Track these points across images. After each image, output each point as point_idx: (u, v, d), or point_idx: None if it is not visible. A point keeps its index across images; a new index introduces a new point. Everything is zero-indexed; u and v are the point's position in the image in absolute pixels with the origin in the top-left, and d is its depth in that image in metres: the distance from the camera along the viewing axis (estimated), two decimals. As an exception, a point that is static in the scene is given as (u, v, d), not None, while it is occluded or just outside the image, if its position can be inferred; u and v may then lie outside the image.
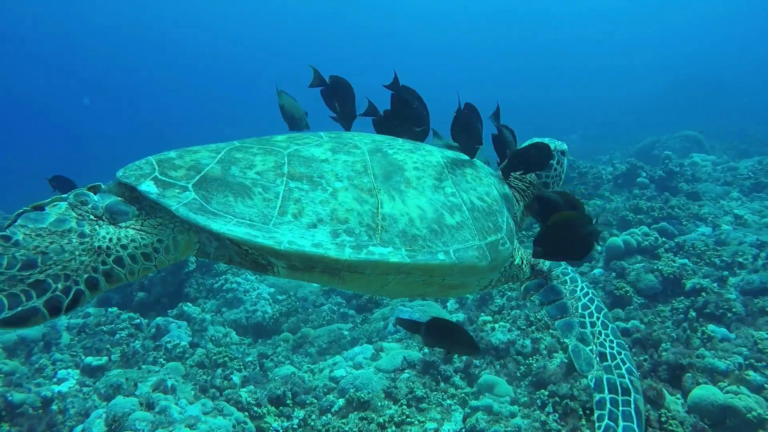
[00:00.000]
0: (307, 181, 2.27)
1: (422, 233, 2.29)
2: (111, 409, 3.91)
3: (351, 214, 2.21)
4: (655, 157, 15.89)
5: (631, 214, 9.04)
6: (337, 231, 2.15)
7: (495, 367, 5.54)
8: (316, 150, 2.44)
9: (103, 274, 1.94)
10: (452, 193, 2.51)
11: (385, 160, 2.49)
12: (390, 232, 2.23)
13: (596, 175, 12.47)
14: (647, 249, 7.54)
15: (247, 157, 2.32)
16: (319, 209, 2.19)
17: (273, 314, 8.21)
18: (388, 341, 6.33)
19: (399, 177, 2.43)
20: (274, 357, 6.56)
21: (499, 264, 2.56)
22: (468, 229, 2.42)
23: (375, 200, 2.29)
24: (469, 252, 2.37)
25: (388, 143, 2.68)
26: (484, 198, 2.63)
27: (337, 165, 2.38)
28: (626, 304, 6.76)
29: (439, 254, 2.28)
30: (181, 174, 2.18)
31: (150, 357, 5.83)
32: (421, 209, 2.36)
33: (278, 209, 2.15)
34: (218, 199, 2.12)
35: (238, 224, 2.07)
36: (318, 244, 2.10)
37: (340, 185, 2.29)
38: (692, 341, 5.33)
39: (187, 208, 2.06)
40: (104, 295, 9.73)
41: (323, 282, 2.31)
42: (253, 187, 2.19)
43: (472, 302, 7.55)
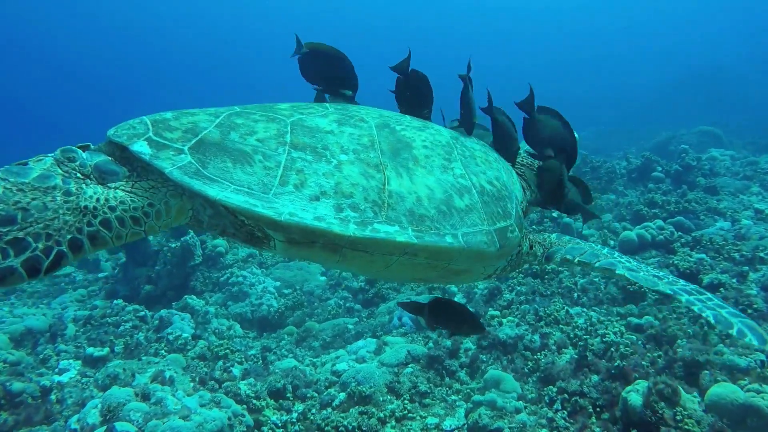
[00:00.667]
0: (311, 151, 2.16)
1: (430, 213, 2.18)
2: (106, 399, 3.83)
3: (356, 188, 2.10)
4: (671, 153, 15.53)
5: (645, 208, 8.79)
6: (341, 205, 2.05)
7: (502, 363, 5.37)
8: (321, 120, 2.33)
9: (88, 236, 1.84)
10: (461, 175, 2.40)
11: (393, 136, 2.39)
12: (397, 210, 2.12)
13: (609, 169, 12.21)
14: (662, 243, 7.31)
15: (248, 123, 2.21)
16: (323, 181, 2.07)
17: (278, 308, 8.12)
18: (393, 335, 6.19)
19: (407, 154, 2.32)
20: (277, 350, 6.46)
21: (507, 251, 2.46)
22: (477, 213, 2.32)
23: (382, 176, 2.18)
24: (477, 237, 2.26)
25: (396, 119, 2.58)
26: (493, 182, 2.52)
27: (343, 137, 2.27)
28: (640, 299, 6.54)
29: (447, 237, 2.18)
30: (176, 136, 2.06)
31: (152, 349, 5.77)
32: (429, 189, 2.25)
33: (279, 179, 2.03)
34: (215, 164, 2.00)
35: (236, 191, 1.95)
36: (320, 217, 1.99)
37: (345, 158, 2.18)
38: (710, 338, 5.12)
39: (182, 171, 1.94)
40: (112, 287, 9.76)
41: (321, 259, 2.20)
42: (254, 154, 2.08)
43: (480, 297, 7.38)
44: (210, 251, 9.50)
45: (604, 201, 10.46)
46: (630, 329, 5.70)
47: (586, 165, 12.92)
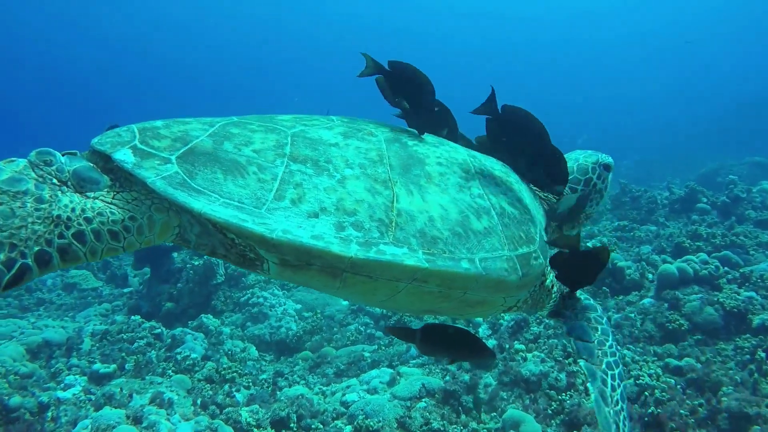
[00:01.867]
0: (312, 164, 1.97)
1: (444, 235, 1.97)
2: (96, 420, 3.68)
3: (361, 205, 1.90)
4: (719, 184, 14.73)
5: (688, 240, 8.22)
6: (343, 223, 1.84)
7: (524, 402, 4.96)
8: (325, 133, 2.15)
9: (59, 249, 1.65)
10: (479, 195, 2.19)
11: (405, 151, 2.19)
12: (406, 231, 1.91)
13: (650, 199, 11.63)
14: (706, 279, 6.75)
15: (244, 133, 2.03)
16: (323, 197, 1.88)
17: (297, 331, 7.90)
18: (409, 366, 5.85)
19: (419, 171, 2.13)
20: (289, 376, 6.22)
21: (530, 281, 2.21)
22: (497, 237, 2.10)
23: (390, 193, 1.98)
24: (497, 263, 2.03)
25: (408, 133, 2.39)
26: (515, 204, 2.30)
27: (348, 151, 2.08)
28: (680, 339, 6.01)
29: (463, 262, 1.95)
30: (164, 144, 1.89)
31: (159, 368, 5.62)
32: (443, 208, 2.04)
33: (274, 193, 1.84)
34: (204, 176, 1.82)
35: (225, 205, 1.76)
36: (318, 236, 1.78)
37: (350, 173, 1.99)
38: (761, 387, 4.59)
39: (166, 182, 1.76)
40: (135, 303, 9.78)
41: (320, 285, 1.98)
42: (248, 165, 1.89)
43: (506, 329, 6.96)
44: (233, 270, 9.42)
45: (643, 232, 9.90)
46: (668, 371, 5.21)
47: (626, 195, 12.37)
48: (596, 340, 2.48)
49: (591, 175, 2.85)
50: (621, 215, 11.74)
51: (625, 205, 12.10)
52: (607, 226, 10.71)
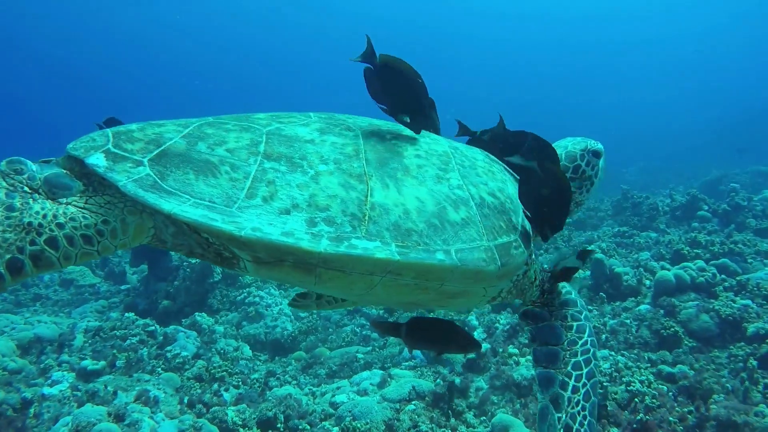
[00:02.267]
0: (286, 161, 1.98)
1: (419, 228, 1.97)
2: (77, 417, 3.65)
3: (334, 200, 1.91)
4: (722, 192, 14.64)
5: (687, 247, 8.16)
6: (315, 219, 1.86)
7: (514, 406, 4.91)
8: (301, 129, 2.16)
9: (31, 256, 1.67)
10: (458, 186, 2.19)
11: (382, 144, 2.20)
12: (379, 224, 1.92)
13: (652, 206, 11.55)
14: (703, 286, 6.70)
15: (218, 133, 2.04)
16: (296, 193, 1.90)
17: (292, 332, 7.89)
18: (401, 368, 5.82)
19: (396, 164, 2.13)
20: (281, 376, 6.19)
21: (510, 270, 2.19)
22: (475, 227, 2.09)
23: (365, 187, 1.99)
24: (474, 253, 2.03)
25: (387, 127, 2.40)
26: (496, 194, 2.28)
27: (324, 147, 2.09)
28: (675, 346, 5.95)
29: (438, 253, 1.95)
30: (138, 147, 1.91)
31: (149, 366, 5.60)
32: (419, 201, 2.04)
33: (246, 191, 1.86)
34: (176, 177, 1.84)
35: (195, 205, 1.78)
36: (289, 232, 1.80)
37: (324, 168, 2.00)
38: (751, 395, 4.53)
39: (137, 184, 1.78)
40: (132, 300, 9.77)
41: (296, 281, 1.99)
42: (220, 165, 1.91)
43: (501, 332, 6.92)
44: (230, 269, 9.41)
45: (643, 239, 9.84)
46: (661, 378, 5.16)
47: (627, 200, 12.32)
48: (566, 341, 2.44)
49: (579, 162, 2.83)
50: (622, 221, 11.68)
51: (626, 211, 12.05)
52: (607, 232, 10.65)
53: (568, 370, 2.37)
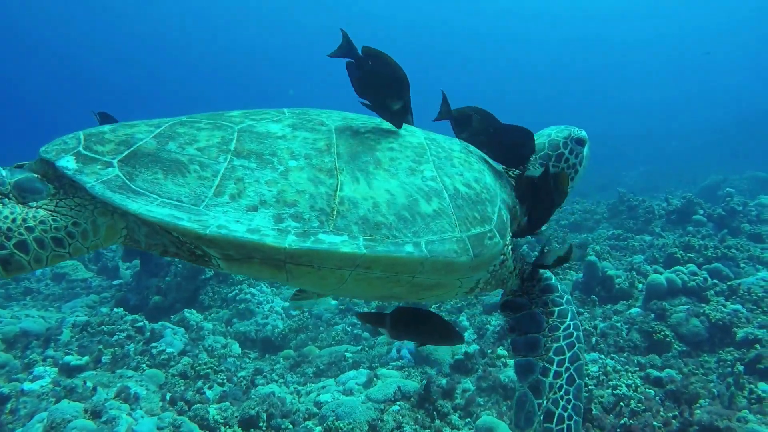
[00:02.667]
0: (256, 158, 1.99)
1: (388, 221, 1.97)
2: (52, 413, 3.60)
3: (302, 196, 1.92)
4: (720, 197, 14.63)
5: (680, 251, 8.12)
6: (282, 215, 1.86)
7: (500, 408, 4.87)
8: (274, 126, 2.16)
9: (1, 260, 1.70)
10: (432, 177, 2.17)
11: (355, 138, 2.20)
12: (347, 218, 1.92)
13: (648, 209, 11.53)
14: (694, 290, 6.66)
15: (190, 132, 2.06)
16: (264, 190, 1.90)
17: (282, 329, 7.84)
18: (389, 368, 5.78)
19: (368, 157, 2.13)
20: (268, 374, 6.15)
21: (484, 261, 2.17)
22: (447, 218, 2.08)
23: (334, 182, 1.99)
24: (445, 245, 2.02)
25: (362, 121, 2.38)
26: (471, 184, 2.26)
27: (295, 142, 2.09)
28: (664, 350, 5.92)
29: (407, 246, 1.94)
30: (108, 149, 1.92)
31: (134, 362, 5.56)
32: (390, 193, 2.04)
33: (214, 189, 1.87)
34: (145, 177, 1.86)
35: (163, 205, 1.80)
36: (255, 229, 1.81)
37: (294, 164, 2.00)
38: (736, 400, 4.50)
39: (105, 185, 1.79)
40: (123, 295, 9.72)
41: (268, 276, 2.01)
42: (190, 164, 1.93)
43: (492, 333, 6.89)
44: (222, 266, 9.37)
45: (637, 242, 9.80)
46: (648, 382, 5.12)
47: (624, 203, 12.28)
48: (548, 327, 2.39)
49: (563, 150, 2.83)
50: (618, 224, 11.65)
51: (622, 214, 12.02)
52: (602, 235, 10.61)
53: (549, 356, 2.30)
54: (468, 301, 7.89)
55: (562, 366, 2.27)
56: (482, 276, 2.33)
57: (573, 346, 2.33)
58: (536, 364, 2.30)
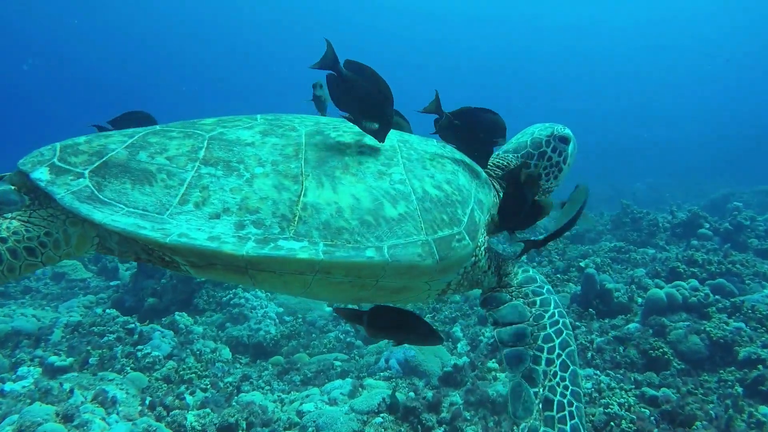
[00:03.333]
0: (223, 166, 2.03)
1: (351, 225, 1.98)
2: (23, 416, 3.53)
3: (265, 203, 1.95)
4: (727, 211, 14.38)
5: (683, 265, 7.94)
6: (244, 222, 1.90)
7: (487, 424, 4.74)
8: (244, 133, 2.19)
9: None
10: (400, 180, 2.17)
11: (325, 143, 2.22)
12: (308, 224, 1.94)
13: (652, 222, 11.32)
14: (695, 306, 6.47)
15: (162, 141, 2.11)
16: (228, 197, 1.94)
17: (275, 335, 7.75)
18: (375, 378, 5.65)
19: (336, 162, 2.13)
20: (255, 380, 6.05)
21: (452, 264, 2.16)
22: (413, 222, 2.08)
23: (299, 187, 2.01)
24: (409, 249, 2.01)
25: (334, 125, 2.39)
26: (442, 186, 2.25)
27: (264, 149, 2.12)
28: (662, 368, 5.74)
29: (368, 250, 1.95)
30: (81, 160, 1.99)
31: (119, 364, 5.48)
32: (355, 198, 2.04)
33: (180, 197, 1.92)
34: (113, 187, 1.92)
35: (128, 214, 1.85)
36: (215, 236, 1.85)
37: (260, 171, 2.03)
38: (734, 423, 4.33)
39: (74, 196, 1.86)
40: (120, 296, 9.68)
41: (235, 281, 2.09)
42: (158, 173, 1.98)
43: (485, 345, 6.74)
44: (218, 269, 9.31)
45: (640, 255, 9.61)
46: (644, 401, 4.95)
47: (627, 215, 12.08)
48: (532, 316, 2.33)
49: (545, 148, 2.78)
50: (621, 236, 11.45)
51: (625, 226, 11.82)
52: (604, 246, 10.42)
53: (538, 344, 2.24)
54: (463, 311, 7.76)
55: (552, 353, 2.21)
56: (452, 278, 2.31)
57: (561, 332, 2.27)
58: (526, 353, 2.24)
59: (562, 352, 2.22)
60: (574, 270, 8.99)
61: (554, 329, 2.28)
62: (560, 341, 2.24)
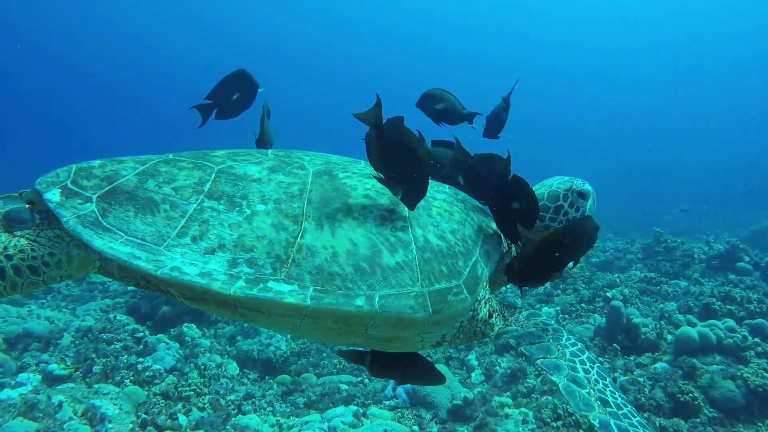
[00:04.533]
0: (226, 201, 2.02)
1: (344, 271, 1.93)
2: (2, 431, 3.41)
3: (261, 242, 1.92)
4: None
5: (718, 302, 7.43)
6: (237, 260, 1.87)
7: (495, 466, 4.42)
8: (252, 168, 2.19)
9: None
10: (402, 228, 2.11)
11: (331, 184, 2.17)
12: (301, 267, 1.89)
13: (686, 252, 10.74)
14: (730, 349, 6.01)
15: (171, 171, 2.12)
16: (225, 233, 1.92)
17: (285, 352, 7.56)
18: (380, 407, 5.38)
19: (339, 204, 2.09)
20: (257, 400, 5.85)
21: (446, 318, 2.08)
22: (410, 272, 2.01)
23: (297, 228, 1.97)
24: (401, 300, 1.94)
25: (344, 166, 2.36)
26: (445, 236, 2.18)
27: (269, 186, 2.10)
28: (691, 414, 5.31)
29: (358, 299, 1.89)
30: (92, 184, 2.02)
31: (118, 376, 5.37)
32: (353, 243, 1.99)
33: (179, 230, 1.92)
34: (117, 214, 1.93)
35: (126, 243, 1.86)
36: (206, 273, 1.82)
37: (262, 208, 2.01)
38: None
39: (79, 220, 1.89)
40: (136, 302, 9.68)
41: (227, 316, 2.06)
42: (162, 203, 1.99)
43: (500, 377, 6.40)
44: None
45: (672, 287, 9.09)
46: (669, 452, 4.56)
47: (660, 244, 11.52)
48: (549, 338, 2.32)
49: (562, 202, 2.73)
50: (652, 266, 10.90)
51: (657, 256, 11.25)
52: (633, 276, 9.93)
53: (569, 357, 2.21)
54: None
55: (585, 365, 2.19)
56: (447, 331, 2.22)
57: (584, 351, 2.27)
58: (562, 363, 2.20)
59: (593, 366, 2.20)
60: (600, 300, 8.55)
61: (576, 347, 2.27)
62: (587, 356, 2.23)
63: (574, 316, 8.08)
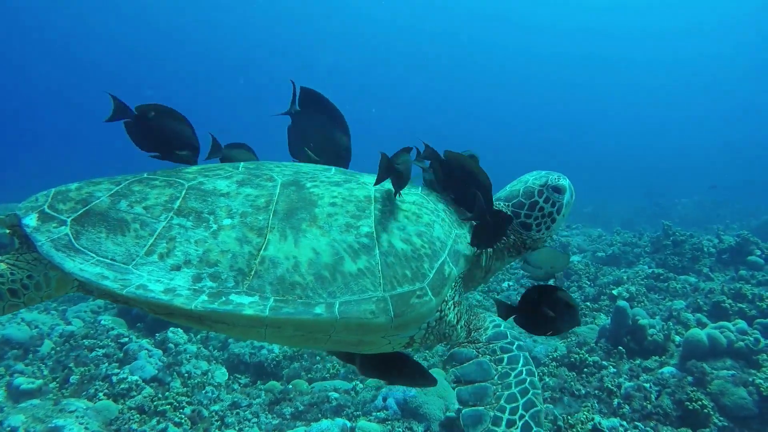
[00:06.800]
0: (194, 217, 2.07)
1: (305, 281, 1.97)
2: (-54, 460, 3.14)
3: (224, 256, 1.97)
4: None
5: (729, 300, 7.07)
6: (202, 275, 1.92)
7: (489, 486, 4.11)
8: (221, 183, 2.22)
9: None
10: (367, 234, 2.14)
11: (298, 194, 2.20)
12: (263, 278, 1.94)
13: (695, 246, 10.34)
14: (742, 352, 5.66)
15: (144, 190, 2.16)
16: (191, 250, 1.98)
17: (277, 356, 7.29)
18: (369, 419, 5.09)
19: (304, 214, 2.13)
20: (242, 411, 5.58)
21: (410, 320, 2.10)
22: (371, 277, 2.04)
23: (261, 240, 2.02)
24: (361, 305, 1.98)
25: (312, 175, 2.37)
26: (411, 239, 2.19)
27: (237, 200, 2.14)
28: (700, 424, 4.98)
29: (317, 307, 1.93)
30: (67, 207, 2.07)
31: (92, 388, 5.10)
32: (315, 252, 2.03)
33: (147, 248, 1.97)
34: (89, 236, 1.99)
35: (96, 264, 1.91)
36: (171, 289, 1.87)
37: (228, 222, 2.06)
38: None
39: (52, 244, 1.94)
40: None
41: (198, 328, 2.16)
42: (132, 222, 2.04)
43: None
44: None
45: (680, 284, 8.72)
46: (677, 467, 4.24)
47: (668, 237, 11.12)
48: (497, 375, 2.20)
49: (537, 198, 2.68)
50: (660, 261, 10.52)
51: (666, 249, 10.86)
52: (641, 272, 9.56)
53: (501, 404, 2.11)
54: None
55: (515, 414, 2.07)
56: (414, 333, 2.23)
57: (527, 392, 2.13)
58: (486, 413, 2.10)
59: (525, 413, 2.07)
60: (606, 298, 8.21)
61: (520, 388, 2.13)
62: (525, 401, 2.09)
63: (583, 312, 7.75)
